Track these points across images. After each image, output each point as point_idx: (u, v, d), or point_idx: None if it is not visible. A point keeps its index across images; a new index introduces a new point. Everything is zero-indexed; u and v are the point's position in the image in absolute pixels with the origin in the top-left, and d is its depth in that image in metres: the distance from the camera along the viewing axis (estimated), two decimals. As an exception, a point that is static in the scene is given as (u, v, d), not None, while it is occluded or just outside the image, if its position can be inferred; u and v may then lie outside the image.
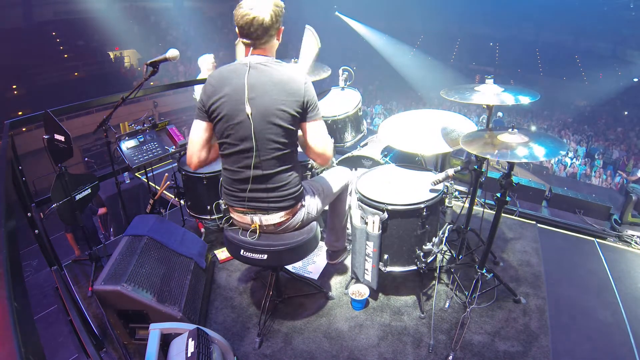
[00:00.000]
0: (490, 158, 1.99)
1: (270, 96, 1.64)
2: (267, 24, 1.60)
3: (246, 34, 1.63)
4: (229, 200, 1.89)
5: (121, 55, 15.18)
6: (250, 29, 1.61)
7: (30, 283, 2.76)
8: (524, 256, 2.76)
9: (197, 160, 1.81)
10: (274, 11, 1.61)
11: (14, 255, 1.19)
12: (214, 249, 2.84)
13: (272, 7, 1.60)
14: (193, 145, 1.78)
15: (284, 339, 2.09)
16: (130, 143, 2.63)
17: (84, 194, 2.57)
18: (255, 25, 1.59)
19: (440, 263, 2.50)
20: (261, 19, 1.59)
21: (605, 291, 2.60)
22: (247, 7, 1.58)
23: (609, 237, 3.35)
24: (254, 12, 1.58)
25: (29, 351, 0.88)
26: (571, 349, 2.13)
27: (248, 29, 1.61)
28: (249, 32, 1.62)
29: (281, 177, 1.78)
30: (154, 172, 2.96)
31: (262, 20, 1.59)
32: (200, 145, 1.78)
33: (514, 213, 3.39)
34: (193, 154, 1.79)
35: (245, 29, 1.61)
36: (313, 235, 1.95)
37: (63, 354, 2.06)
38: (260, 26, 1.60)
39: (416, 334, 2.10)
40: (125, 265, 2.00)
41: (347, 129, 2.94)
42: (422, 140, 2.39)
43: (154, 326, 1.63)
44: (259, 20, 1.59)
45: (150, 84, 4.00)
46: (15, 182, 2.13)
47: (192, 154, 1.80)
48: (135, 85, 2.40)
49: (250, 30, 1.61)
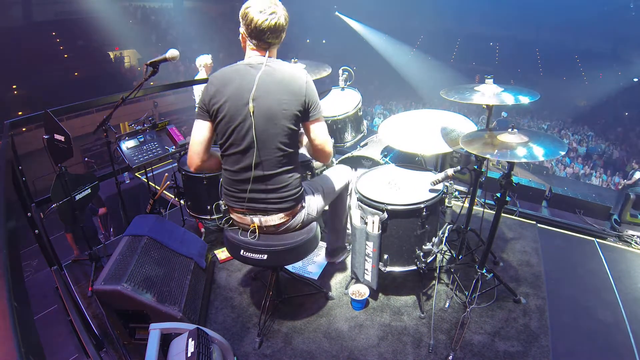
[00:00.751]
0: (490, 158, 1.99)
1: (274, 96, 1.65)
2: (284, 28, 1.66)
3: (265, 37, 1.64)
4: (228, 200, 1.88)
5: (121, 55, 15.18)
6: (271, 34, 1.64)
7: (30, 283, 2.77)
8: (524, 256, 2.76)
9: (199, 160, 1.78)
10: (286, 15, 1.66)
11: (14, 255, 1.19)
12: (214, 249, 2.84)
13: (285, 11, 1.65)
14: (195, 145, 1.76)
15: (284, 339, 2.09)
16: (130, 143, 2.63)
17: (84, 194, 2.57)
18: (277, 31, 1.64)
19: (440, 263, 2.50)
20: (281, 24, 1.63)
21: (605, 291, 2.60)
22: (268, 11, 1.60)
23: (609, 237, 3.35)
24: (276, 18, 1.61)
25: (29, 351, 0.88)
26: (571, 349, 2.13)
27: (270, 33, 1.63)
28: (268, 35, 1.64)
29: (282, 178, 1.78)
30: (154, 172, 2.96)
31: (282, 25, 1.64)
32: (202, 146, 1.76)
33: (514, 213, 3.39)
34: (194, 154, 1.77)
35: (267, 33, 1.63)
36: (313, 235, 1.95)
37: (63, 354, 2.06)
38: (280, 31, 1.65)
39: (416, 334, 2.10)
40: (125, 265, 2.00)
41: (347, 129, 2.94)
42: (422, 140, 2.39)
43: (154, 326, 1.63)
44: (280, 25, 1.63)
45: (150, 84, 3.99)
46: (15, 182, 2.13)
47: (194, 154, 1.77)
48: (135, 85, 2.40)
49: (271, 35, 1.64)
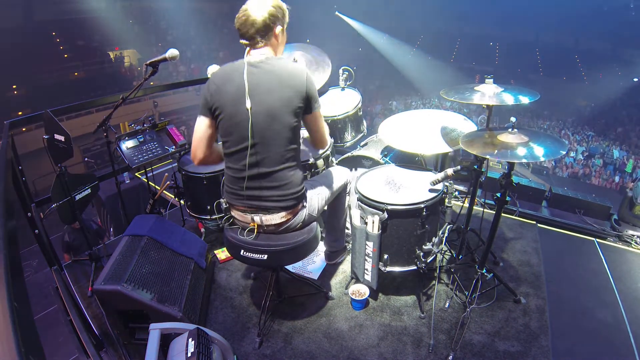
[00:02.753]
0: (490, 158, 1.99)
1: (274, 93, 1.67)
2: (258, 24, 1.67)
3: (241, 34, 1.71)
4: (230, 198, 1.89)
5: (121, 55, 15.20)
6: (243, 29, 1.69)
7: (30, 283, 2.77)
8: (524, 256, 2.76)
9: (202, 155, 1.82)
10: (270, 12, 1.67)
11: (14, 255, 1.19)
12: (214, 249, 2.84)
13: (268, 8, 1.66)
14: (197, 141, 1.81)
15: (284, 339, 2.09)
16: (130, 143, 2.63)
17: (84, 194, 2.57)
18: (248, 26, 1.67)
19: (440, 263, 2.50)
20: (252, 20, 1.66)
21: (605, 291, 2.59)
22: (243, 8, 1.67)
23: (609, 237, 3.35)
24: (247, 13, 1.66)
25: (29, 351, 0.88)
26: (571, 349, 2.13)
27: (247, 30, 1.68)
28: (243, 32, 1.70)
29: (284, 174, 1.79)
30: (154, 172, 2.96)
31: (254, 21, 1.66)
32: (204, 142, 1.80)
33: (514, 213, 3.39)
34: (197, 148, 1.82)
35: (241, 29, 1.69)
36: (313, 235, 1.95)
37: (63, 354, 2.06)
38: (252, 26, 1.67)
39: (416, 334, 2.10)
40: (125, 265, 2.00)
41: (347, 129, 2.94)
42: (422, 140, 2.39)
43: (154, 326, 1.62)
44: (250, 21, 1.66)
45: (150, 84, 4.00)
46: (15, 182, 2.13)
47: (197, 148, 1.82)
48: (135, 85, 2.40)
49: (243, 31, 1.69)
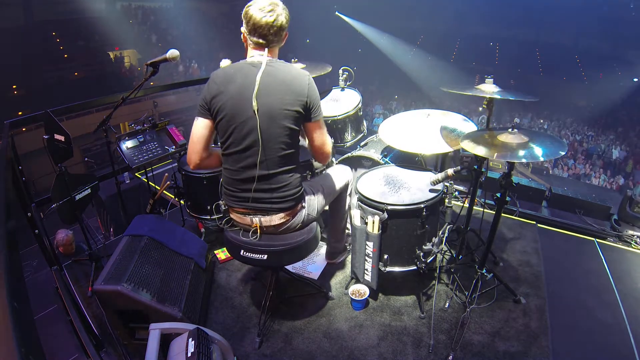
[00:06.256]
0: (490, 158, 1.99)
1: (276, 95, 1.66)
2: (284, 27, 1.68)
3: (264, 34, 1.66)
4: (229, 200, 1.88)
5: (121, 55, 15.17)
6: (270, 31, 1.65)
7: (30, 283, 2.76)
8: (524, 256, 2.76)
9: (198, 158, 1.79)
10: (287, 16, 1.68)
11: (14, 255, 1.19)
12: (214, 249, 2.84)
13: (286, 11, 1.68)
14: (194, 143, 1.77)
15: (284, 339, 2.09)
16: (130, 143, 2.63)
17: (84, 194, 2.57)
18: (275, 28, 1.65)
19: (440, 263, 2.50)
20: (280, 23, 1.65)
21: (605, 291, 2.59)
22: (267, 9, 1.62)
23: (609, 237, 3.35)
24: (275, 15, 1.63)
25: (29, 351, 0.88)
26: (571, 349, 2.13)
27: (268, 30, 1.65)
28: (268, 33, 1.66)
29: (283, 177, 1.78)
30: (154, 172, 2.96)
31: (281, 24, 1.66)
32: (201, 144, 1.77)
33: (514, 213, 3.39)
34: (193, 152, 1.78)
35: (265, 30, 1.65)
36: (313, 235, 1.95)
37: (63, 354, 2.06)
38: (279, 29, 1.67)
39: (416, 334, 2.10)
40: (125, 265, 2.00)
41: (347, 129, 2.94)
42: (422, 140, 2.39)
43: (154, 326, 1.63)
44: (278, 24, 1.65)
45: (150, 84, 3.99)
46: (15, 182, 2.13)
47: (193, 152, 1.78)
48: (135, 85, 2.40)
49: (269, 32, 1.66)
